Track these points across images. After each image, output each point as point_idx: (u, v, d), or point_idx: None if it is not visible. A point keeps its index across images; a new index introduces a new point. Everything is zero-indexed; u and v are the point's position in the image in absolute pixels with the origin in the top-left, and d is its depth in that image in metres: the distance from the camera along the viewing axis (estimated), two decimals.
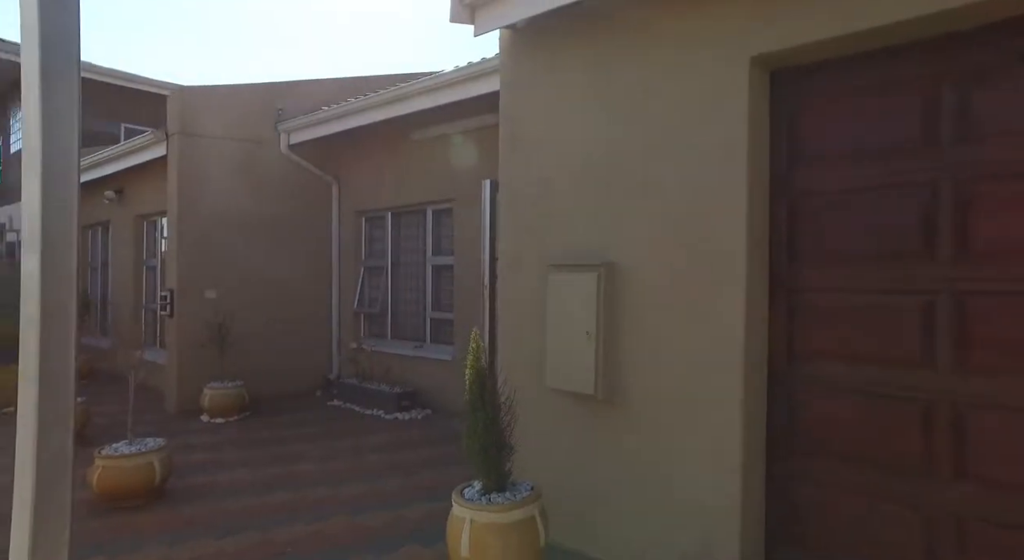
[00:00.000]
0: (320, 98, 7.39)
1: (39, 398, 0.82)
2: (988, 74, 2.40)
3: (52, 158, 0.83)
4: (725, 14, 2.76)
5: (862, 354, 2.68)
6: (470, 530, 2.49)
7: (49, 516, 0.80)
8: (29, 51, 0.81)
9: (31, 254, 0.84)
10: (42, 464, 0.82)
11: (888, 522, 2.60)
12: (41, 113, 0.81)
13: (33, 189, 0.83)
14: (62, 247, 0.85)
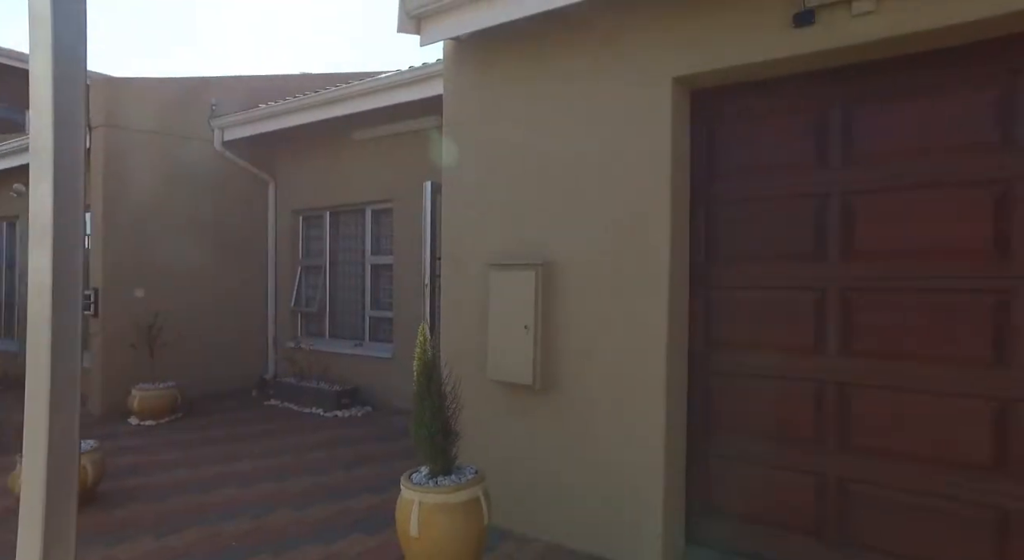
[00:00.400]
0: (258, 95, 7.29)
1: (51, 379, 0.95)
2: (866, 103, 2.80)
3: (62, 160, 0.96)
4: (648, 40, 3.05)
5: (767, 342, 3.05)
6: (419, 511, 2.66)
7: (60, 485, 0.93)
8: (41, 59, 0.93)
9: (41, 249, 0.96)
10: (53, 439, 0.95)
11: (786, 486, 2.98)
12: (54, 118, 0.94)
13: (45, 190, 0.96)
14: (71, 243, 0.98)
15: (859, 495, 2.82)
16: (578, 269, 3.29)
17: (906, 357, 2.71)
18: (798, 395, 2.98)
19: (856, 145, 2.84)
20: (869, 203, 2.81)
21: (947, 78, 2.62)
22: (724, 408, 3.17)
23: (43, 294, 0.95)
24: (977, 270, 2.56)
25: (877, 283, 2.78)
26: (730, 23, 2.83)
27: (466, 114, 3.73)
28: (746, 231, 3.13)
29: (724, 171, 3.19)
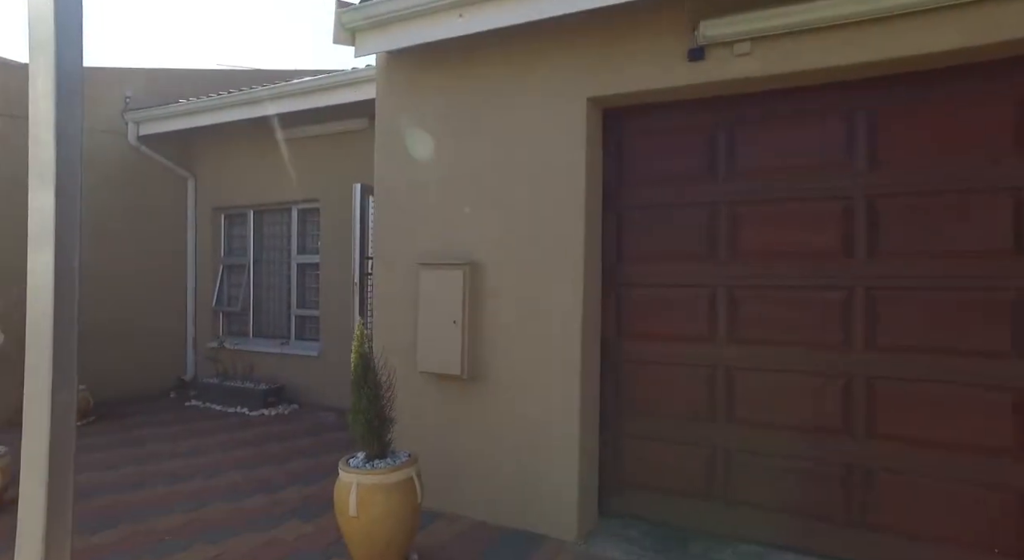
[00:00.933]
0: (179, 89, 7.11)
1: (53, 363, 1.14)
2: (746, 126, 3.29)
3: (63, 169, 1.15)
4: (567, 63, 3.41)
5: (669, 333, 3.49)
6: (357, 492, 2.87)
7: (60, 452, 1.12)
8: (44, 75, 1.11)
9: (42, 251, 1.16)
10: (55, 413, 1.15)
11: (683, 457, 3.43)
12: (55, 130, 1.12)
13: (47, 198, 1.15)
14: (70, 246, 1.18)
15: (741, 462, 3.31)
16: (502, 268, 3.60)
17: (776, 343, 3.21)
18: (694, 378, 3.43)
19: (738, 162, 3.32)
20: (749, 212, 3.30)
21: (806, 110, 3.15)
22: (633, 392, 3.59)
23: (45, 292, 1.15)
24: (827, 269, 3.09)
25: (756, 281, 3.28)
26: (636, 53, 3.24)
27: (397, 122, 3.95)
28: (651, 234, 3.56)
29: (631, 181, 3.60)
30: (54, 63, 1.12)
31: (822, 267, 3.12)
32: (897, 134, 2.96)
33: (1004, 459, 2.74)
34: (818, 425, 3.12)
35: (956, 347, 2.84)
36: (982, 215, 2.79)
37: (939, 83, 2.85)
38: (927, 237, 2.90)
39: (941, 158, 2.87)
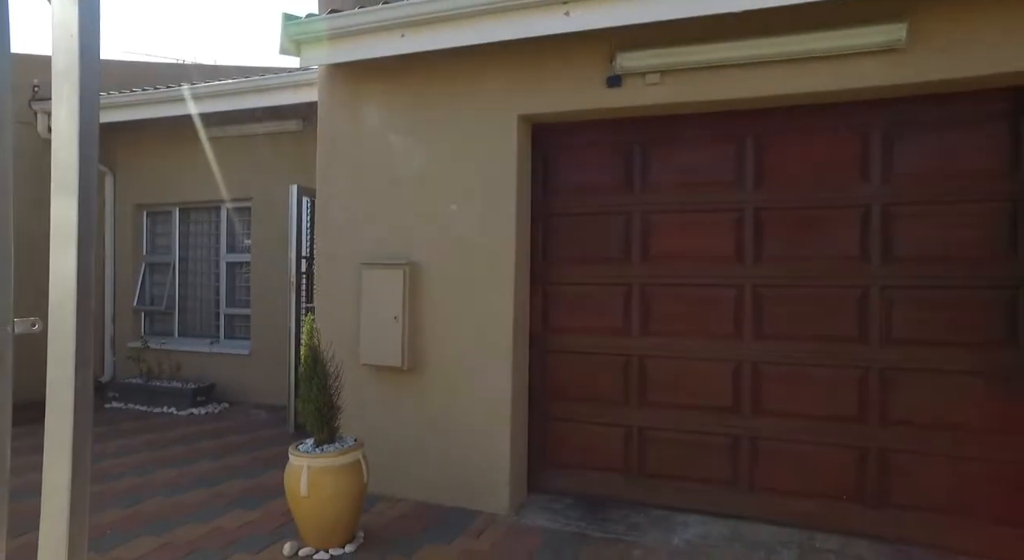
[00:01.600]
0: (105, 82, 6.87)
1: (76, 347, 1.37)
2: (657, 145, 3.78)
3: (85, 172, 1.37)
4: (501, 83, 3.76)
5: (588, 327, 3.92)
6: (308, 474, 3.10)
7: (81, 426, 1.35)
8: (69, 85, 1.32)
9: (66, 250, 1.38)
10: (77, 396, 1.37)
11: (602, 437, 3.87)
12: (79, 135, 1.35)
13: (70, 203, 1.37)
14: (87, 244, 1.41)
15: (652, 437, 3.79)
16: (439, 268, 3.90)
17: (681, 333, 3.71)
18: (612, 367, 3.88)
19: (650, 176, 3.80)
20: (659, 221, 3.78)
21: (707, 134, 3.66)
22: (557, 379, 4.00)
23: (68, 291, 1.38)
24: (723, 270, 3.62)
25: (664, 280, 3.77)
26: (562, 78, 3.64)
27: (340, 130, 4.16)
28: (574, 238, 3.98)
29: (557, 190, 4.01)
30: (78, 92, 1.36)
31: (718, 268, 3.64)
32: (777, 158, 3.53)
33: (851, 424, 3.36)
34: (714, 404, 3.64)
35: (819, 335, 3.43)
36: (838, 228, 3.40)
37: (807, 118, 3.44)
38: (799, 245, 3.48)
39: (807, 179, 3.46)
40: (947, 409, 3.20)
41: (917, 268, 3.27)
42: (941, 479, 3.21)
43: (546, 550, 3.23)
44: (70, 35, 1.35)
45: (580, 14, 3.22)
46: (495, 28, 3.39)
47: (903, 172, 3.30)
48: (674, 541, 3.33)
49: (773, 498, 3.53)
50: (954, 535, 3.17)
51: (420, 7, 3.48)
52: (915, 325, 3.27)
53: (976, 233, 3.15)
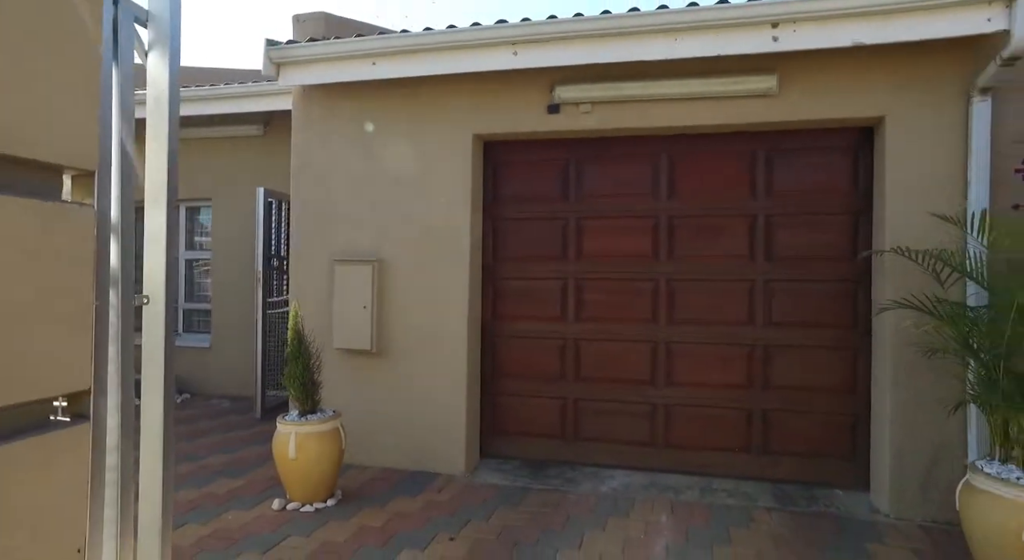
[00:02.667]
0: None
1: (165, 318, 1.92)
2: (590, 162, 4.51)
3: (171, 192, 1.93)
4: (459, 105, 4.39)
5: (531, 315, 4.60)
6: (295, 439, 3.63)
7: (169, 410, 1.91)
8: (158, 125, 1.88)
9: (156, 247, 1.93)
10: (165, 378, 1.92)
11: (542, 409, 4.57)
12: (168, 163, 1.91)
13: (159, 213, 1.93)
14: (172, 244, 1.96)
15: (585, 408, 4.52)
16: (404, 264, 4.49)
17: (608, 319, 4.46)
18: (551, 349, 4.58)
19: (584, 187, 4.52)
20: (591, 225, 4.51)
21: (630, 153, 4.42)
22: (505, 360, 4.66)
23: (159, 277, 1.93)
24: (642, 267, 4.39)
25: (594, 275, 4.50)
26: (511, 103, 4.30)
27: (313, 141, 4.67)
28: (519, 240, 4.65)
29: (505, 198, 4.67)
30: (167, 130, 1.92)
31: (639, 265, 4.41)
32: (685, 175, 4.33)
33: (742, 390, 4.19)
34: (635, 378, 4.41)
35: (718, 319, 4.25)
36: (732, 233, 4.23)
37: (708, 144, 4.25)
38: (701, 246, 4.28)
39: (708, 193, 4.27)
40: (811, 376, 4.08)
41: (790, 266, 4.13)
42: (806, 430, 4.09)
43: (496, 499, 3.89)
44: (160, 86, 1.91)
45: (525, 54, 3.89)
46: (454, 62, 4.02)
47: (780, 189, 4.16)
48: (602, 489, 4.07)
49: (682, 453, 4.32)
50: (816, 472, 4.05)
51: (389, 41, 4.07)
52: (789, 311, 4.14)
53: (830, 238, 4.04)
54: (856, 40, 3.38)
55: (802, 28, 3.44)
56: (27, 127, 1.20)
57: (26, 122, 1.25)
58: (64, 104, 1.27)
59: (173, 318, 1.94)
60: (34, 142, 1.30)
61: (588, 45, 3.78)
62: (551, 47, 3.84)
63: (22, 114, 1.20)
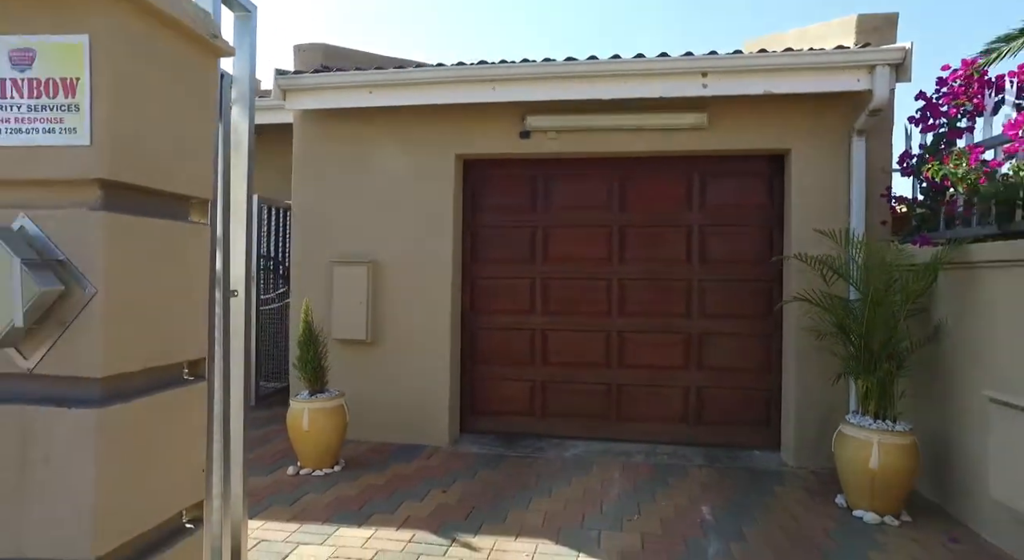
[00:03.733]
0: None
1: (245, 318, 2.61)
2: (556, 179, 5.30)
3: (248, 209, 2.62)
4: (443, 130, 5.11)
5: (504, 309, 5.36)
6: (308, 414, 4.28)
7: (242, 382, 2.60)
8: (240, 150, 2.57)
9: (239, 247, 2.62)
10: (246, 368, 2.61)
11: (514, 389, 5.33)
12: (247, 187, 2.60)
13: (241, 229, 2.62)
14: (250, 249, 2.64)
15: (551, 388, 5.30)
16: (395, 265, 5.18)
17: (570, 313, 5.26)
18: (521, 338, 5.35)
19: (550, 201, 5.31)
20: (556, 232, 5.30)
21: (589, 173, 5.23)
22: (482, 348, 5.40)
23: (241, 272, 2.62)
24: (600, 268, 5.21)
25: (559, 275, 5.29)
26: (488, 129, 5.05)
27: (313, 157, 5.30)
28: (494, 245, 5.40)
29: (482, 208, 5.41)
30: (246, 167, 2.61)
31: (595, 267, 5.22)
32: (634, 191, 5.17)
33: (680, 371, 5.06)
34: (593, 361, 5.22)
35: (661, 312, 5.10)
36: (672, 240, 5.09)
37: (652, 166, 5.10)
38: (646, 251, 5.13)
39: (653, 207, 5.13)
40: (735, 358, 4.98)
41: (718, 268, 5.02)
42: (731, 403, 4.99)
43: (478, 464, 4.63)
44: (241, 132, 2.59)
45: (502, 90, 4.65)
46: (442, 94, 4.74)
47: (711, 205, 5.04)
48: (566, 455, 4.86)
49: (632, 424, 5.16)
50: (738, 436, 4.95)
51: (386, 75, 4.76)
52: (717, 305, 5.03)
53: (750, 245, 4.95)
54: (767, 90, 4.28)
55: (725, 78, 4.32)
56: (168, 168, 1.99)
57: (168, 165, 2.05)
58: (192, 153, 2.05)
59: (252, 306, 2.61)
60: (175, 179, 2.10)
61: (555, 84, 4.57)
62: (524, 85, 4.62)
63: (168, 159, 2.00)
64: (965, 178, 3.25)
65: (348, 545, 3.23)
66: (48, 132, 1.84)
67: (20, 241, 1.76)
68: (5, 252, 1.72)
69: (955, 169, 3.32)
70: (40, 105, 1.83)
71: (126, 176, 1.94)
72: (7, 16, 1.85)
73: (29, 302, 1.71)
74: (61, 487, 1.82)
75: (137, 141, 1.97)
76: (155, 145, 2.08)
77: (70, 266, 1.83)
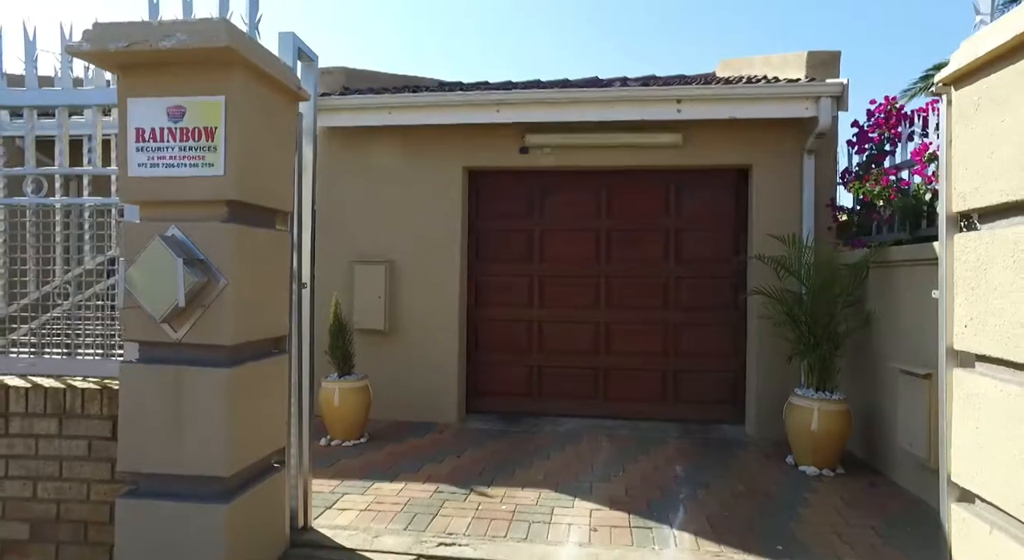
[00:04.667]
0: None
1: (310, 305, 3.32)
2: (552, 189, 6.03)
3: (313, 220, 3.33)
4: (452, 147, 5.81)
5: (505, 303, 6.07)
6: (339, 393, 4.96)
7: None
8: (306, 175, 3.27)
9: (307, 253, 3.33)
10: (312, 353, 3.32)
11: (514, 374, 6.05)
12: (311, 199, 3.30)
13: (307, 234, 3.32)
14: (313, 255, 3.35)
15: (547, 372, 6.03)
16: (409, 264, 5.87)
17: (563, 306, 5.99)
18: (521, 328, 6.06)
19: (546, 208, 6.04)
20: (550, 236, 6.02)
21: (580, 184, 5.97)
22: (485, 337, 6.11)
23: (307, 267, 3.34)
24: (589, 267, 5.95)
25: (554, 273, 6.01)
26: (492, 145, 5.76)
27: (336, 168, 5.97)
28: (496, 246, 6.11)
29: (485, 214, 6.12)
30: (310, 179, 3.32)
31: (586, 266, 5.95)
32: (619, 200, 5.91)
33: (659, 357, 5.82)
34: (583, 349, 5.96)
35: (642, 306, 5.85)
36: (652, 243, 5.84)
37: (635, 178, 5.84)
38: (629, 252, 5.88)
39: (635, 214, 5.87)
40: (706, 345, 5.74)
41: (692, 266, 5.78)
42: (703, 384, 5.75)
43: (484, 437, 5.34)
44: (307, 160, 3.29)
45: (506, 113, 5.37)
46: (453, 116, 5.45)
47: (686, 212, 5.80)
48: (560, 430, 5.58)
49: (617, 403, 5.90)
50: (710, 413, 5.72)
51: (401, 98, 5.47)
52: (692, 299, 5.78)
53: (719, 247, 5.72)
54: (731, 115, 5.04)
55: (697, 105, 5.08)
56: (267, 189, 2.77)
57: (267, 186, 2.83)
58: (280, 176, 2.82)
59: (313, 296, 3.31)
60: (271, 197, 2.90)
61: (550, 108, 5.30)
62: (523, 109, 5.34)
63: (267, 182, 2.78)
64: (879, 195, 4.03)
65: (384, 494, 3.93)
66: (193, 166, 2.58)
67: (176, 245, 2.49)
68: (170, 253, 2.46)
69: (872, 187, 4.10)
70: (188, 147, 2.57)
71: (244, 197, 2.69)
72: (167, 83, 2.58)
73: (187, 289, 2.43)
74: (205, 425, 2.54)
75: (251, 170, 2.72)
76: (260, 172, 2.83)
77: (208, 263, 2.57)
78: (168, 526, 2.56)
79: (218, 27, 2.45)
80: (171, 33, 2.45)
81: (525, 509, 3.69)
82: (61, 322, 3.16)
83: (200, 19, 2.55)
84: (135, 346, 2.70)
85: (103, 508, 2.80)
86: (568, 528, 3.42)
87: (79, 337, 3.08)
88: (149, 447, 2.58)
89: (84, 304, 3.17)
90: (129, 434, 2.59)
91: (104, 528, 2.79)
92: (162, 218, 2.60)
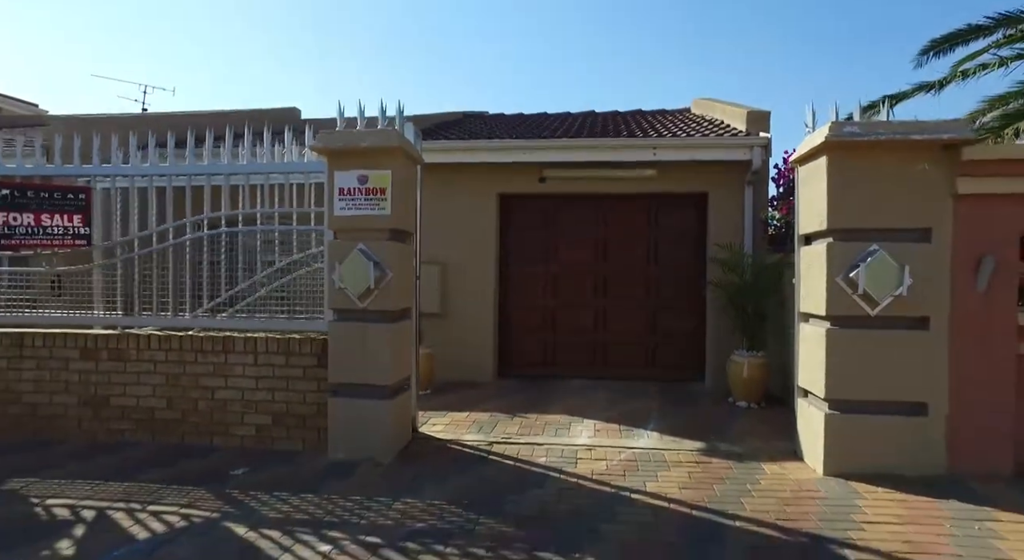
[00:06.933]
0: None
1: (417, 292, 5.33)
2: (564, 208, 8.04)
3: (419, 233, 5.34)
4: (489, 178, 7.82)
5: (528, 295, 8.09)
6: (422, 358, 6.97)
7: None
8: None
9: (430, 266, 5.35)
10: None
11: (534, 348, 8.07)
12: (418, 218, 5.32)
13: (418, 248, 5.34)
14: (419, 256, 5.36)
15: (559, 346, 8.06)
16: (457, 265, 7.88)
17: (571, 296, 8.00)
18: (539, 315, 8.07)
19: (558, 223, 8.04)
20: (563, 243, 8.03)
21: (584, 205, 7.97)
22: (513, 321, 8.12)
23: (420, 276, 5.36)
24: (591, 267, 7.96)
25: (566, 272, 8.02)
26: (519, 177, 7.77)
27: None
28: (521, 253, 8.13)
29: (513, 227, 8.12)
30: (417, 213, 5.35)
31: (590, 266, 7.97)
32: (614, 217, 7.92)
33: (645, 334, 7.84)
34: (587, 328, 7.97)
35: (631, 295, 7.87)
36: (637, 249, 7.86)
37: (626, 201, 7.86)
38: (622, 256, 7.90)
39: (625, 227, 7.89)
40: (679, 325, 7.76)
41: (668, 266, 7.80)
42: (676, 354, 7.77)
43: (515, 390, 7.34)
44: (418, 205, 5.31)
45: (530, 154, 7.39)
46: (489, 156, 7.47)
47: (663, 225, 7.82)
48: (570, 385, 7.59)
49: (612, 368, 7.92)
50: (682, 375, 7.74)
51: (455, 143, 7.48)
52: (668, 291, 7.80)
53: (688, 252, 7.74)
54: (692, 158, 7.07)
55: (667, 150, 7.10)
56: (405, 219, 5.02)
57: (405, 218, 5.10)
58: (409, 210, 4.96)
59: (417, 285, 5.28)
60: (407, 224, 5.17)
61: (562, 151, 7.33)
62: (543, 152, 7.36)
63: (406, 215, 5.03)
64: (782, 219, 6.06)
65: (458, 419, 5.94)
66: (371, 209, 4.62)
67: (366, 254, 4.54)
68: (364, 258, 4.51)
69: (779, 214, 6.12)
70: (368, 198, 4.61)
71: (397, 226, 4.78)
72: (358, 163, 4.63)
73: (375, 278, 4.48)
74: (379, 355, 4.57)
75: (401, 210, 4.79)
76: (404, 210, 4.85)
77: (382, 264, 4.59)
78: (357, 412, 4.57)
79: (392, 135, 4.48)
80: (365, 139, 4.47)
81: (552, 423, 5.72)
82: (275, 299, 5.14)
83: (381, 130, 4.58)
84: (331, 312, 4.70)
85: (313, 407, 4.81)
86: (581, 431, 5.44)
87: (295, 306, 5.08)
88: (346, 368, 4.59)
89: (290, 287, 5.17)
90: (336, 361, 4.61)
91: (314, 418, 4.80)
92: (352, 239, 4.61)
